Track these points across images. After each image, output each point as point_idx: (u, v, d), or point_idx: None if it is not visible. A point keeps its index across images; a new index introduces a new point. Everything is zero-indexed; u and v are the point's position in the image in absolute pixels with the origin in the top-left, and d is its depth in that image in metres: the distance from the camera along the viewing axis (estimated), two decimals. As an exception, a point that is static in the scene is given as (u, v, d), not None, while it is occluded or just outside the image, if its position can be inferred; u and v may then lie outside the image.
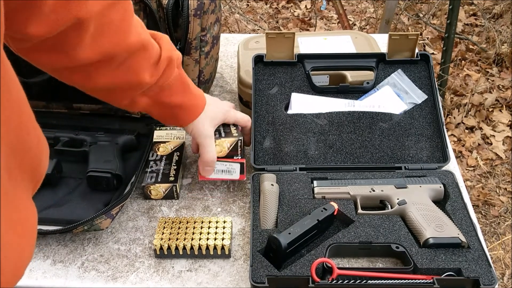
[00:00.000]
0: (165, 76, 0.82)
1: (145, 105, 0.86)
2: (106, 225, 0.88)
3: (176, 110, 0.88)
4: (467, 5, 3.45)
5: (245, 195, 1.00)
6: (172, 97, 0.86)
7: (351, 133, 1.03)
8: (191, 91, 0.89)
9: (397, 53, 1.09)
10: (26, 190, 0.54)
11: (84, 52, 0.69)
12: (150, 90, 0.83)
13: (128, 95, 0.83)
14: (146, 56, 0.78)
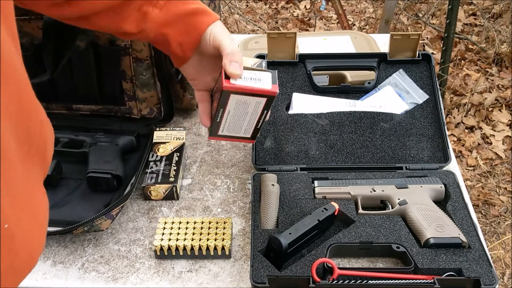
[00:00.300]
0: None
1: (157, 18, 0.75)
2: (106, 226, 0.88)
3: (192, 17, 0.77)
4: (467, 5, 3.46)
5: (245, 196, 1.00)
6: (185, 4, 0.76)
7: (352, 133, 1.02)
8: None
9: (399, 53, 1.09)
10: (38, 176, 0.54)
11: None
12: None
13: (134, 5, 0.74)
14: None
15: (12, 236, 0.47)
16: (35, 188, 0.53)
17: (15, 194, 0.47)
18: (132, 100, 1.08)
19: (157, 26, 0.76)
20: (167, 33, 0.77)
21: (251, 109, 0.79)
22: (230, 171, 1.05)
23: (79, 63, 1.03)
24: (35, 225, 0.51)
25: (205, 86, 0.84)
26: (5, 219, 0.45)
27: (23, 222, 0.48)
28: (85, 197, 0.95)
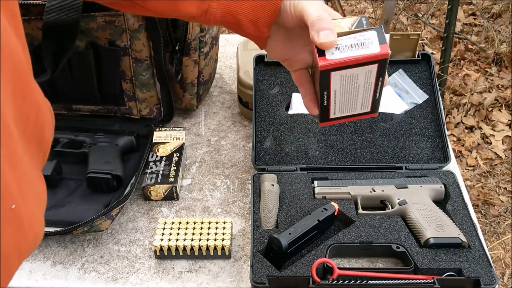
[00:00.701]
0: None
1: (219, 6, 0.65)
2: (106, 226, 0.88)
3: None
4: (466, 5, 3.46)
5: (245, 196, 1.00)
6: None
7: (352, 133, 1.03)
8: None
9: (398, 53, 1.09)
10: (36, 161, 0.53)
11: None
12: None
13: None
14: None
15: (19, 216, 0.46)
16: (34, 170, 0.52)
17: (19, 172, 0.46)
18: (131, 100, 1.08)
19: (223, 5, 0.65)
20: (236, 11, 0.65)
21: (362, 81, 0.64)
22: (230, 171, 1.05)
23: (79, 63, 1.03)
24: (38, 206, 0.51)
25: (302, 64, 0.70)
26: (13, 198, 0.45)
27: (28, 202, 0.48)
28: (85, 198, 0.95)
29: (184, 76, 1.09)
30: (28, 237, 0.48)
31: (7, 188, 0.44)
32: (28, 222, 0.48)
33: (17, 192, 0.46)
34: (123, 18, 0.98)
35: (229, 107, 1.22)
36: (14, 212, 0.45)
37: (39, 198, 0.52)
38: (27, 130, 0.51)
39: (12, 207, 0.45)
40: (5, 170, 0.44)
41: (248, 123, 1.17)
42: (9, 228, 0.45)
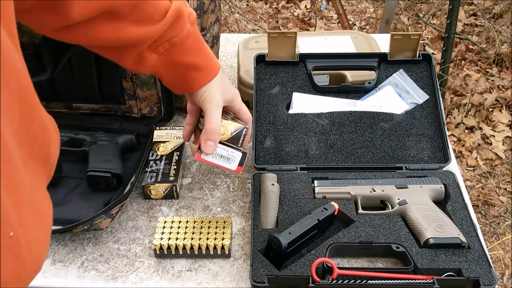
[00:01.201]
0: (175, 30, 0.74)
1: (154, 63, 0.77)
2: (106, 225, 0.88)
3: (189, 71, 0.79)
4: (467, 5, 3.45)
5: (245, 195, 1.00)
6: (184, 56, 0.77)
7: (352, 133, 1.02)
8: (206, 51, 0.80)
9: (399, 53, 1.09)
10: (41, 181, 0.53)
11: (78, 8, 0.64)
12: (160, 46, 0.75)
13: (135, 50, 0.75)
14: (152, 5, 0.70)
15: (18, 243, 0.46)
16: (38, 191, 0.52)
17: (18, 197, 0.46)
18: (132, 99, 1.08)
19: (153, 68, 0.79)
20: (162, 73, 0.80)
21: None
22: (230, 171, 1.05)
23: (79, 62, 1.03)
24: (40, 230, 0.51)
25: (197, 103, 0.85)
26: (11, 226, 0.45)
27: (27, 227, 0.48)
28: (85, 196, 0.95)
29: (185, 75, 1.09)
30: (27, 265, 0.48)
31: (6, 215, 0.44)
32: (27, 250, 0.47)
33: (15, 218, 0.45)
34: (124, 17, 0.97)
35: (229, 106, 1.22)
36: (12, 239, 0.45)
37: (42, 220, 0.51)
38: (34, 150, 0.51)
39: (10, 234, 0.44)
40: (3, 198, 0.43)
41: (248, 122, 1.17)
42: (7, 256, 0.45)
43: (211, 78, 0.81)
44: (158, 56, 0.77)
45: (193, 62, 0.79)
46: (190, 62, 0.78)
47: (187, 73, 0.80)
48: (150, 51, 0.76)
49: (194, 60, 0.79)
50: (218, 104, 0.82)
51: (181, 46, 0.77)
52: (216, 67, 0.82)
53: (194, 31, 0.78)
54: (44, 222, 0.52)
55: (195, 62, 0.79)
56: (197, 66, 0.79)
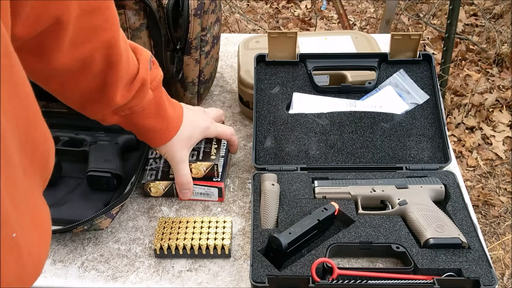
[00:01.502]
0: (137, 99, 0.80)
1: (116, 122, 0.84)
2: (106, 225, 0.88)
3: (147, 132, 0.86)
4: (468, 5, 3.45)
5: (245, 195, 1.00)
6: (144, 120, 0.84)
7: (353, 133, 1.02)
8: (165, 115, 0.86)
9: (399, 53, 1.09)
10: (38, 188, 0.54)
11: (61, 57, 0.67)
12: (121, 111, 0.81)
13: (99, 110, 0.81)
14: (122, 74, 0.75)
15: (19, 245, 0.46)
16: (35, 197, 0.53)
17: (17, 201, 0.47)
18: (132, 99, 1.08)
19: (115, 123, 0.85)
20: (124, 127, 0.87)
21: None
22: (230, 171, 1.05)
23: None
24: (38, 234, 0.51)
25: None
26: (13, 227, 0.45)
27: (25, 230, 0.48)
28: (85, 196, 0.95)
29: (185, 75, 1.09)
30: (27, 267, 0.48)
31: (7, 216, 0.44)
32: (27, 251, 0.48)
33: (15, 221, 0.46)
34: (124, 17, 0.98)
35: (229, 106, 1.22)
36: (14, 240, 0.45)
37: (39, 224, 0.52)
38: (36, 158, 0.51)
39: (13, 236, 0.45)
40: (4, 198, 0.44)
41: (248, 122, 1.17)
42: (10, 257, 0.45)
43: (169, 138, 0.88)
44: (119, 117, 0.83)
45: (152, 125, 0.85)
46: (148, 125, 0.85)
47: (146, 133, 0.87)
48: (112, 114, 0.82)
49: (153, 124, 0.85)
50: (181, 160, 0.90)
51: (142, 112, 0.83)
52: (174, 128, 0.88)
53: (155, 96, 0.83)
54: (42, 227, 0.53)
55: (154, 125, 0.85)
56: (155, 129, 0.86)
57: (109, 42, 0.70)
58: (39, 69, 0.69)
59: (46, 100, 1.09)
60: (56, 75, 0.72)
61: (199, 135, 0.93)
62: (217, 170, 0.95)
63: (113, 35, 0.70)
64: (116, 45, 0.71)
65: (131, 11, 0.98)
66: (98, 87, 0.75)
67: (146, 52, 0.81)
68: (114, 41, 0.71)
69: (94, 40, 0.68)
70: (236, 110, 1.21)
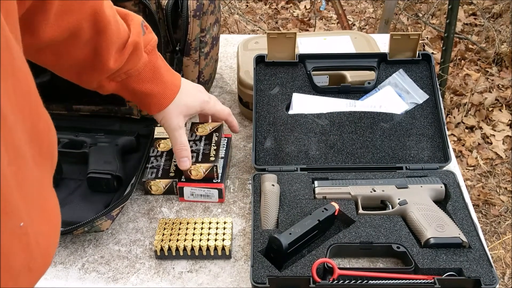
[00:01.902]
0: (131, 63, 0.81)
1: (114, 88, 0.84)
2: (106, 227, 0.88)
3: (145, 97, 0.86)
4: (467, 5, 3.46)
5: (245, 196, 1.00)
6: (140, 84, 0.84)
7: (352, 133, 1.03)
8: (162, 78, 0.86)
9: (399, 53, 1.09)
10: (49, 178, 0.54)
11: (49, 29, 0.68)
12: (117, 76, 0.82)
13: (95, 78, 0.81)
14: (112, 39, 0.76)
15: (27, 234, 0.47)
16: (47, 188, 0.53)
17: (26, 192, 0.47)
18: (132, 100, 1.08)
19: (114, 92, 0.85)
20: (123, 95, 0.88)
21: None
22: (230, 172, 1.05)
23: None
24: (47, 224, 0.52)
25: None
26: (21, 216, 0.46)
27: (34, 220, 0.49)
28: (85, 198, 0.95)
29: (185, 76, 1.09)
30: (36, 256, 0.49)
31: (16, 205, 0.45)
32: (35, 241, 0.48)
33: (24, 211, 0.46)
34: (123, 18, 0.98)
35: (229, 107, 1.22)
36: (22, 229, 0.46)
37: (49, 215, 0.53)
38: (43, 148, 0.52)
39: (20, 225, 0.45)
40: (13, 189, 0.44)
41: (248, 123, 1.17)
42: (18, 245, 0.46)
43: (167, 104, 0.87)
44: (116, 84, 0.83)
45: (149, 90, 0.85)
46: (145, 89, 0.85)
47: (144, 99, 0.87)
48: (109, 80, 0.82)
49: (150, 88, 0.85)
50: (177, 127, 0.90)
51: (137, 76, 0.83)
52: (170, 93, 0.88)
53: (150, 60, 0.83)
54: (51, 217, 0.53)
55: (151, 89, 0.85)
56: (152, 93, 0.85)
57: (93, 9, 0.71)
58: (30, 43, 0.69)
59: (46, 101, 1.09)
60: (47, 47, 0.72)
61: (198, 107, 0.92)
62: (217, 171, 0.95)
63: (96, 2, 0.72)
64: (102, 11, 0.72)
65: (130, 12, 0.98)
66: (90, 54, 0.76)
67: (137, 17, 0.82)
68: (99, 8, 0.72)
69: (78, 10, 0.70)
70: (235, 111, 1.21)
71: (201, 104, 0.93)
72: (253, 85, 1.07)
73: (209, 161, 0.95)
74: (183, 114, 0.90)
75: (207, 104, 0.94)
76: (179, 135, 0.90)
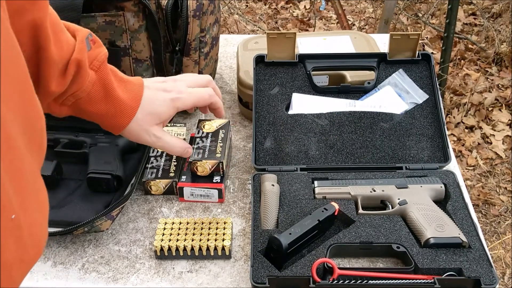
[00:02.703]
0: (77, 84, 0.71)
1: (67, 113, 0.75)
2: (106, 227, 0.88)
3: (101, 118, 0.77)
4: (466, 5, 3.46)
5: (245, 196, 1.00)
6: (93, 106, 0.75)
7: (352, 133, 1.03)
8: (115, 96, 0.76)
9: (398, 53, 1.09)
10: (38, 166, 0.53)
11: None
12: (65, 100, 0.73)
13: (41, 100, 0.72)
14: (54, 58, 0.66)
15: (19, 227, 0.46)
16: (38, 178, 0.52)
17: (21, 184, 0.47)
18: (132, 100, 1.08)
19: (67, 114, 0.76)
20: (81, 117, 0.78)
21: None
22: (230, 172, 1.05)
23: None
24: (40, 214, 0.51)
25: None
26: (13, 209, 0.45)
27: (28, 212, 0.48)
28: (85, 198, 0.95)
29: (184, 76, 1.09)
30: (28, 247, 0.48)
31: (7, 198, 0.44)
32: (28, 232, 0.48)
33: (17, 202, 0.46)
34: (123, 19, 0.98)
35: (229, 107, 1.22)
36: (14, 222, 0.45)
37: (41, 205, 0.52)
38: (36, 138, 0.51)
39: (12, 217, 0.45)
40: (5, 182, 0.44)
41: (248, 123, 1.17)
42: (10, 238, 0.45)
43: (125, 123, 0.78)
44: (68, 108, 0.75)
45: (103, 111, 0.76)
46: (100, 110, 0.75)
47: (102, 121, 0.78)
48: (58, 105, 0.74)
49: (103, 108, 0.76)
50: (156, 139, 0.82)
51: (87, 97, 0.74)
52: (130, 108, 0.78)
53: (100, 77, 0.74)
54: (43, 208, 0.53)
55: (105, 110, 0.76)
56: (108, 114, 0.76)
57: (34, 23, 0.62)
58: None
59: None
60: None
61: (168, 110, 0.81)
62: (222, 167, 0.96)
63: (38, 16, 0.63)
64: (43, 26, 0.63)
65: (130, 12, 0.98)
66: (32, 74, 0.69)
67: (83, 32, 0.73)
68: (40, 23, 0.63)
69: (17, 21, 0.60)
70: (235, 111, 1.21)
71: (170, 105, 0.81)
72: (253, 85, 1.07)
73: (215, 157, 0.95)
74: (155, 123, 0.81)
75: (177, 102, 0.82)
76: (165, 142, 0.83)
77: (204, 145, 0.98)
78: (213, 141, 0.99)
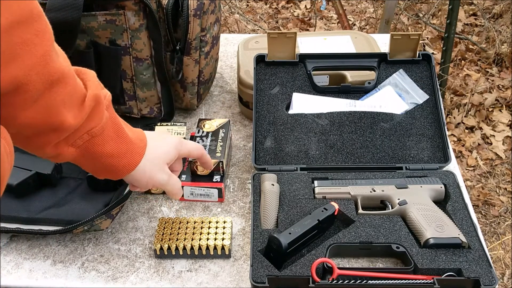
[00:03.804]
0: (95, 120, 0.68)
1: (71, 156, 0.70)
2: (106, 226, 0.88)
3: (111, 159, 0.72)
4: (467, 5, 3.45)
5: (245, 195, 1.00)
6: (104, 146, 0.70)
7: (352, 133, 1.03)
8: (124, 134, 0.73)
9: (399, 53, 1.09)
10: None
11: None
12: (78, 138, 0.68)
13: (51, 140, 0.66)
14: (68, 91, 0.63)
15: None
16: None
17: None
18: (132, 99, 1.08)
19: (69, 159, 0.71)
20: (80, 164, 0.73)
21: None
22: (230, 171, 1.05)
23: (79, 62, 1.03)
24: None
25: None
26: None
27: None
28: (85, 197, 0.95)
29: (185, 76, 1.09)
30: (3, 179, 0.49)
31: None
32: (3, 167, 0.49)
33: None
34: (123, 18, 0.98)
35: (229, 106, 1.22)
36: None
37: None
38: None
39: None
40: None
41: (248, 122, 1.17)
42: None
43: (137, 161, 0.75)
44: (76, 149, 0.69)
45: (115, 150, 0.72)
46: (110, 150, 0.71)
47: (111, 162, 0.73)
48: (67, 145, 0.68)
49: (115, 147, 0.72)
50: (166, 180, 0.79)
51: (101, 135, 0.70)
52: (139, 149, 0.75)
53: (111, 115, 0.71)
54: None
55: (117, 149, 0.72)
56: (120, 153, 0.72)
57: (43, 58, 0.58)
58: None
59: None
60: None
61: (174, 149, 0.81)
62: (222, 166, 0.96)
63: (46, 50, 0.59)
64: (52, 60, 0.60)
65: (130, 11, 0.98)
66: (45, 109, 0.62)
67: (90, 71, 0.71)
68: (50, 57, 0.59)
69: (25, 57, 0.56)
70: (235, 110, 1.21)
71: (176, 147, 0.81)
72: (253, 84, 1.07)
73: (215, 157, 0.95)
74: (166, 162, 0.79)
75: (181, 146, 0.83)
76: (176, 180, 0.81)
77: (204, 144, 0.98)
78: (213, 140, 0.99)
